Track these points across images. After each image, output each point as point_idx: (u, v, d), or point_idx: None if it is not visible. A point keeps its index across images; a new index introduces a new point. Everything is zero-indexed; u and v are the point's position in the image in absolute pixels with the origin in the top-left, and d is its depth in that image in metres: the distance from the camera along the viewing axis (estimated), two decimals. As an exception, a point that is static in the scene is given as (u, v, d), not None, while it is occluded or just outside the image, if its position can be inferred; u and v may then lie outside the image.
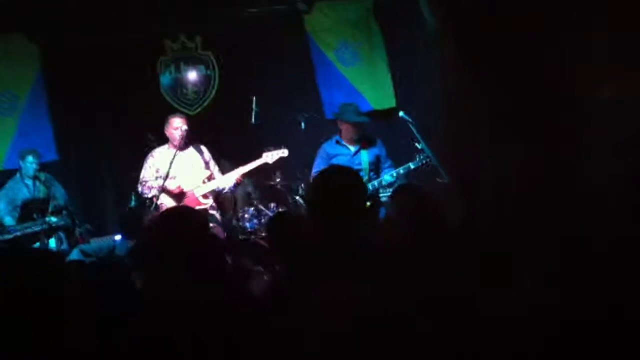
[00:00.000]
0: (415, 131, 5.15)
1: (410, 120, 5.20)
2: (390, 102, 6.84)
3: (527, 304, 1.83)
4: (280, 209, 5.82)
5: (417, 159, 5.17)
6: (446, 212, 3.03)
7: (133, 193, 5.71)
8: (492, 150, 4.79)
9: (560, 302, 1.77)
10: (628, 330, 1.66)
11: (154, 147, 5.56)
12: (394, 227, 2.92)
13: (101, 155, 6.83)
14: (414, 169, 5.19)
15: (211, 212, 5.48)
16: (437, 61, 5.60)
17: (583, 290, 1.82)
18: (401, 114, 5.29)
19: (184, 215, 2.67)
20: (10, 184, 6.03)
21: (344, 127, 5.47)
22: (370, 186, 5.22)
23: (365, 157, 5.41)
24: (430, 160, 5.09)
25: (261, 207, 5.86)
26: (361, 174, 5.28)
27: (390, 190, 5.17)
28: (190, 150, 5.57)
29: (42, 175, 5.98)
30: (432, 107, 5.70)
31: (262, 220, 5.75)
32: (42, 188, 5.92)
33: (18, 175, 6.03)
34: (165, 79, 7.06)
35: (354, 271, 2.04)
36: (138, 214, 5.56)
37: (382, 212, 4.55)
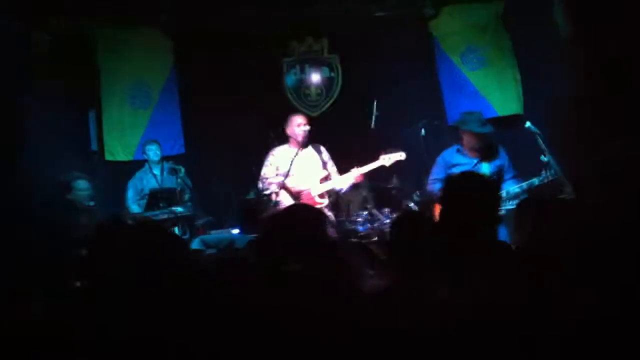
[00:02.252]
0: (541, 143, 4.91)
1: (537, 131, 4.96)
2: (517, 108, 6.59)
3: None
4: (394, 214, 5.77)
5: (543, 174, 4.92)
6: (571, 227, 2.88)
7: (252, 188, 5.89)
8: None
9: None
10: None
11: (275, 145, 5.70)
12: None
13: (223, 150, 7.04)
14: (537, 184, 4.96)
15: (326, 212, 5.53)
16: (569, 68, 5.34)
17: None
18: (527, 124, 5.06)
19: (306, 212, 2.71)
20: (138, 174, 6.39)
21: (465, 137, 5.32)
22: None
23: (486, 169, 5.23)
24: (555, 176, 4.83)
25: (375, 211, 5.84)
26: (481, 185, 5.11)
27: (512, 202, 4.97)
28: (310, 150, 5.67)
29: (173, 166, 6.28)
30: (560, 116, 5.44)
31: (375, 225, 5.73)
32: (169, 178, 6.23)
33: (147, 165, 6.37)
34: (289, 80, 7.22)
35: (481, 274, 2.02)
36: (255, 209, 5.72)
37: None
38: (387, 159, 5.49)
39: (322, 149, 5.73)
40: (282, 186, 5.46)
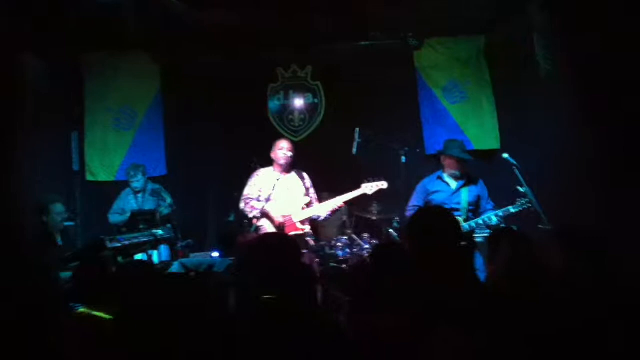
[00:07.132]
0: (518, 174, 5.02)
1: (514, 162, 5.08)
2: (494, 143, 6.73)
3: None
4: (373, 240, 5.83)
5: (519, 203, 5.02)
6: (546, 260, 2.95)
7: (232, 211, 5.90)
8: (610, 196, 4.55)
9: None
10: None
11: (257, 169, 5.75)
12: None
13: (206, 173, 7.08)
14: (514, 212, 5.05)
15: (306, 238, 5.57)
16: (551, 105, 5.46)
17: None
18: (505, 155, 5.18)
19: (281, 242, 2.75)
20: (122, 194, 6.44)
21: (447, 163, 5.42)
22: (467, 226, 5.12)
23: (465, 196, 5.32)
24: (532, 206, 4.93)
25: (354, 236, 5.88)
26: (459, 213, 5.21)
27: (487, 231, 5.06)
28: (293, 175, 5.71)
29: (150, 186, 6.32)
30: (539, 151, 5.56)
31: (355, 250, 5.77)
32: (150, 199, 6.25)
33: (129, 187, 6.42)
34: (273, 105, 7.30)
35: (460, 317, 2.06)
36: (235, 233, 5.73)
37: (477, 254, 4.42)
38: (369, 188, 5.55)
39: (305, 175, 5.77)
40: (264, 212, 5.50)
